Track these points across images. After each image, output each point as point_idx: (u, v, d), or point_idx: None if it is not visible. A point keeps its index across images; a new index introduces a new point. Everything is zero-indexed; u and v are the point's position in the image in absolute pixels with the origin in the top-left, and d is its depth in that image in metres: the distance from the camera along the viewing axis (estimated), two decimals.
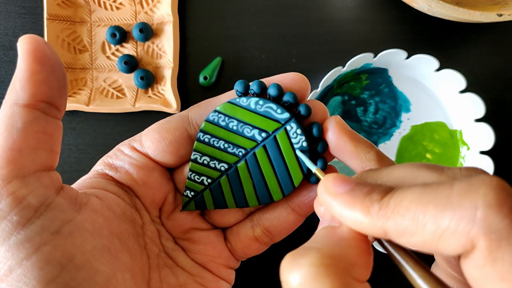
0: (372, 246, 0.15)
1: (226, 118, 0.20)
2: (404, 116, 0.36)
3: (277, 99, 0.19)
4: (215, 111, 0.20)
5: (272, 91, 0.19)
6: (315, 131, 0.19)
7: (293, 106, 0.19)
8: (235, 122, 0.20)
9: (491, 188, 0.11)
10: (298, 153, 0.19)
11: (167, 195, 0.21)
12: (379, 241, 0.15)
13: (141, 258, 0.18)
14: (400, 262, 0.14)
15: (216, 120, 0.20)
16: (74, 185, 0.19)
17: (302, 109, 0.19)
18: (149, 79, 0.34)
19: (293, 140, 0.19)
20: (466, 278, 0.12)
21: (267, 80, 0.20)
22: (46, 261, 0.14)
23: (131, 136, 0.21)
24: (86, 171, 0.38)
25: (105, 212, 0.18)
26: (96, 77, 0.36)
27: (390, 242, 0.14)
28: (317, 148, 0.19)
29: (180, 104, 0.35)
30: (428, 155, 0.35)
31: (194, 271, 0.20)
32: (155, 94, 0.35)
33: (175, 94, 0.35)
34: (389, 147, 0.35)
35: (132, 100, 0.35)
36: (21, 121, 0.15)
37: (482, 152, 0.33)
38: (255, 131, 0.20)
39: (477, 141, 0.34)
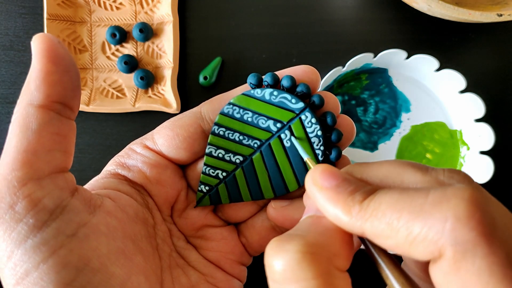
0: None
1: (241, 110, 0.20)
2: (404, 116, 0.36)
3: (291, 90, 0.19)
4: (230, 103, 0.20)
5: (285, 82, 0.19)
6: (329, 120, 0.19)
7: (306, 96, 0.20)
8: (250, 114, 0.20)
9: (462, 200, 0.12)
10: (293, 139, 0.19)
11: (180, 193, 0.21)
12: (361, 238, 0.15)
13: (153, 260, 0.18)
14: (376, 258, 0.14)
15: (230, 113, 0.20)
16: (87, 186, 0.19)
17: (316, 99, 0.19)
18: (149, 79, 0.34)
19: (308, 130, 0.19)
20: (433, 282, 0.13)
21: (279, 73, 0.20)
22: (62, 264, 0.14)
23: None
24: (86, 170, 0.38)
25: (119, 214, 0.18)
26: (96, 77, 0.36)
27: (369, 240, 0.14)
28: (331, 137, 0.19)
29: (180, 104, 0.35)
30: (428, 155, 0.35)
31: (206, 271, 0.20)
32: (155, 94, 0.35)
33: (175, 94, 0.35)
34: (389, 147, 0.35)
35: (132, 100, 0.35)
36: (36, 122, 0.15)
37: (482, 152, 0.33)
38: (270, 122, 0.20)
39: (477, 141, 0.34)
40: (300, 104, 0.19)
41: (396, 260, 0.14)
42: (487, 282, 0.11)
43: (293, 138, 0.19)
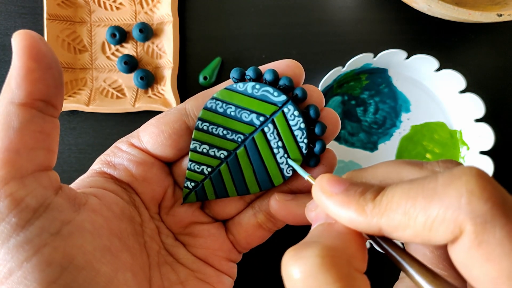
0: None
1: (224, 104, 0.20)
2: (404, 116, 0.36)
3: (273, 83, 0.19)
4: (213, 98, 0.20)
5: (268, 76, 0.19)
6: (312, 112, 0.19)
7: (289, 89, 0.19)
8: (233, 108, 0.20)
9: (472, 176, 0.12)
10: (290, 161, 0.19)
11: (167, 190, 0.21)
12: (373, 239, 0.15)
13: (141, 257, 0.18)
14: (394, 256, 0.14)
15: (214, 107, 0.20)
16: (73, 185, 0.19)
17: (298, 92, 0.19)
18: (149, 79, 0.34)
19: (291, 122, 0.19)
20: (454, 263, 0.13)
21: (262, 67, 0.20)
22: (46, 263, 0.14)
23: None
24: (86, 171, 0.38)
25: (104, 212, 0.17)
26: (96, 77, 0.36)
27: (384, 239, 0.15)
28: (315, 130, 0.19)
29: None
30: (428, 155, 0.35)
31: (195, 267, 0.20)
32: (155, 94, 0.35)
33: (175, 94, 0.35)
34: (389, 147, 0.35)
35: (132, 100, 0.35)
36: (18, 120, 0.15)
37: (482, 152, 0.33)
38: (253, 116, 0.20)
39: (477, 141, 0.34)
40: (283, 97, 0.19)
41: (413, 255, 0.14)
42: (510, 250, 0.11)
43: (289, 160, 0.19)
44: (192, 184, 0.20)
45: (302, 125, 0.19)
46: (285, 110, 0.19)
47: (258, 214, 0.21)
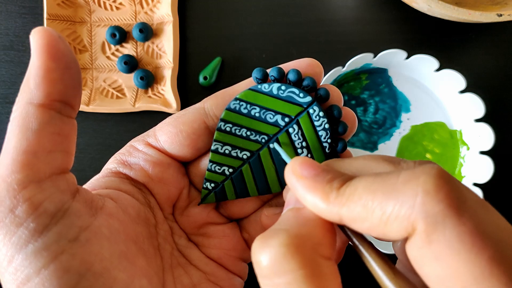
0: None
1: (248, 105, 0.20)
2: (404, 116, 0.36)
3: (297, 84, 0.19)
4: (236, 99, 0.19)
5: (292, 76, 0.19)
6: (336, 112, 0.19)
7: (313, 90, 0.20)
8: (258, 109, 0.20)
9: (430, 176, 0.12)
10: (276, 145, 0.19)
11: (182, 191, 0.20)
12: (341, 227, 0.15)
13: (155, 261, 0.18)
14: (357, 247, 0.14)
15: (237, 108, 0.20)
16: (88, 185, 0.19)
17: (322, 92, 0.19)
18: (149, 79, 0.34)
19: (315, 123, 0.19)
20: (410, 260, 0.13)
21: (283, 67, 0.20)
22: (64, 270, 0.14)
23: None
24: (86, 170, 0.38)
25: (121, 216, 0.17)
26: (96, 77, 0.36)
27: (350, 228, 0.15)
28: (338, 129, 0.20)
29: (180, 104, 0.35)
30: (428, 155, 0.35)
31: (208, 269, 0.20)
32: (155, 94, 0.35)
33: (175, 94, 0.35)
34: (389, 147, 0.35)
35: (132, 100, 0.35)
36: (36, 122, 0.15)
37: (482, 152, 0.33)
38: (278, 117, 0.20)
39: (477, 141, 0.34)
40: (308, 98, 0.19)
41: (376, 248, 0.14)
42: (458, 251, 0.11)
43: (276, 144, 0.19)
44: (212, 185, 0.20)
45: (327, 126, 0.19)
46: (311, 111, 0.19)
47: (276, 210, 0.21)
